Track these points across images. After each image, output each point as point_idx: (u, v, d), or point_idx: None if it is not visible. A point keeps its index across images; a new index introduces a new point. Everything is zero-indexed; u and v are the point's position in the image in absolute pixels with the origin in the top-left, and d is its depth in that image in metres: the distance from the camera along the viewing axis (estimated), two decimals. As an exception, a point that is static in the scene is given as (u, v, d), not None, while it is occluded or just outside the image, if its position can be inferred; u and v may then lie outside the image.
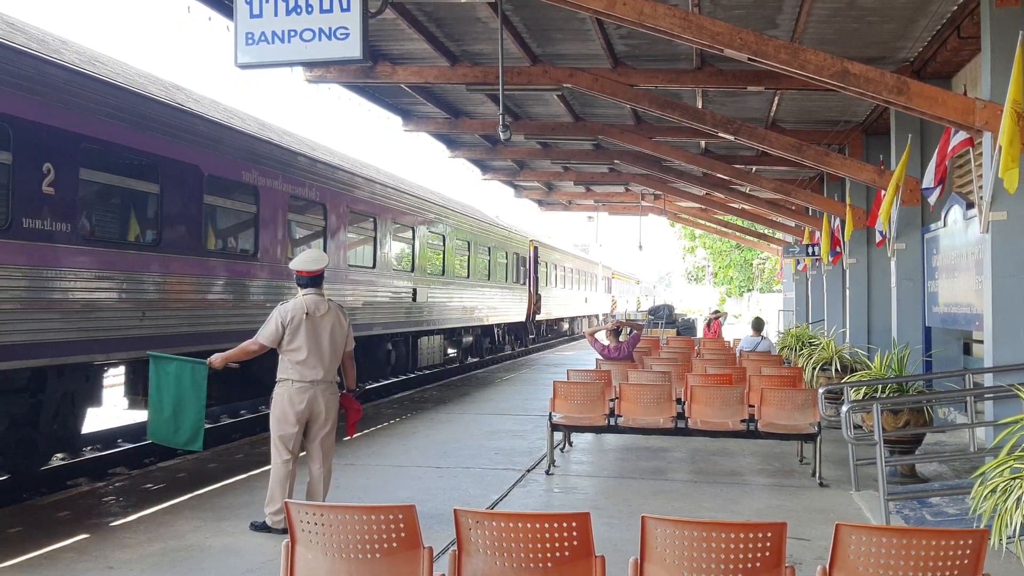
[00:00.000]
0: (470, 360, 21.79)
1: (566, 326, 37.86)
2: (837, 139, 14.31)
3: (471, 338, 21.09)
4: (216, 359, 6.24)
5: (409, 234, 15.39)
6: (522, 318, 25.42)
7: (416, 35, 9.99)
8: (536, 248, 27.30)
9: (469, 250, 19.34)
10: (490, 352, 23.60)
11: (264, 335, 6.11)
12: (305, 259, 6.34)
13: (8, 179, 6.80)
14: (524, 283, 25.43)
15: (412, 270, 15.32)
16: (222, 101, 11.82)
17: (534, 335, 28.94)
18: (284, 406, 6.07)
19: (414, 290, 15.29)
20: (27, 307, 6.88)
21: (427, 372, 18.44)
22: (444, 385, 16.64)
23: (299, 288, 6.28)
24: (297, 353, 6.05)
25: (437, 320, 16.92)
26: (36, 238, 6.99)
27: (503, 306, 22.70)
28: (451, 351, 20.16)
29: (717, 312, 22.31)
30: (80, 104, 7.53)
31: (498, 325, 23.50)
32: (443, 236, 17.28)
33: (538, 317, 27.94)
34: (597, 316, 44.09)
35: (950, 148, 7.97)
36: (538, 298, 27.25)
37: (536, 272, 27.10)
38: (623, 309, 52.48)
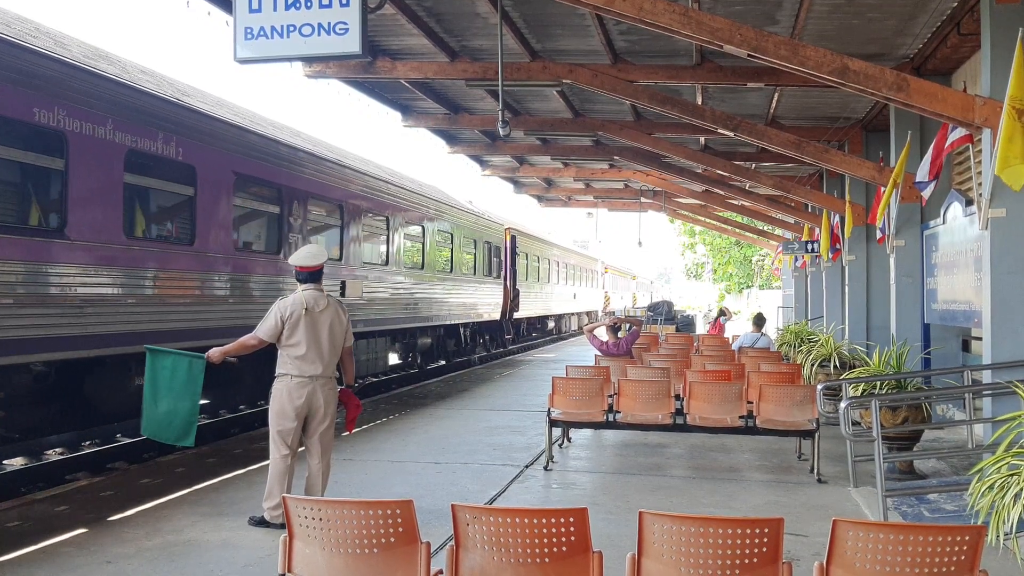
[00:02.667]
0: (431, 366, 19.17)
1: (551, 324, 34.44)
2: (837, 136, 14.32)
3: (429, 340, 18.12)
4: (214, 353, 6.23)
5: (336, 213, 12.68)
6: (496, 316, 22.48)
7: (416, 30, 9.98)
8: (514, 237, 24.32)
9: (424, 236, 16.43)
10: (457, 355, 20.70)
11: (263, 330, 6.12)
12: (304, 255, 6.36)
13: None
14: (499, 276, 22.53)
15: (340, 258, 12.70)
16: (213, 92, 11.79)
17: (511, 335, 25.52)
18: (283, 401, 6.08)
19: (342, 283, 12.60)
20: None
21: (371, 381, 15.80)
22: (443, 381, 16.64)
23: (298, 284, 6.30)
24: (296, 348, 6.06)
25: (378, 319, 14.21)
26: None
27: (471, 302, 19.87)
28: (403, 356, 17.90)
29: (723, 312, 22.33)
30: None
31: (465, 324, 20.46)
32: (387, 218, 14.46)
33: (516, 315, 24.74)
34: (588, 314, 41.45)
35: (947, 144, 7.96)
36: (516, 293, 24.14)
37: (514, 264, 24.10)
38: (617, 306, 49.51)
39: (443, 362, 19.87)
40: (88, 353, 7.99)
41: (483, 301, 21.06)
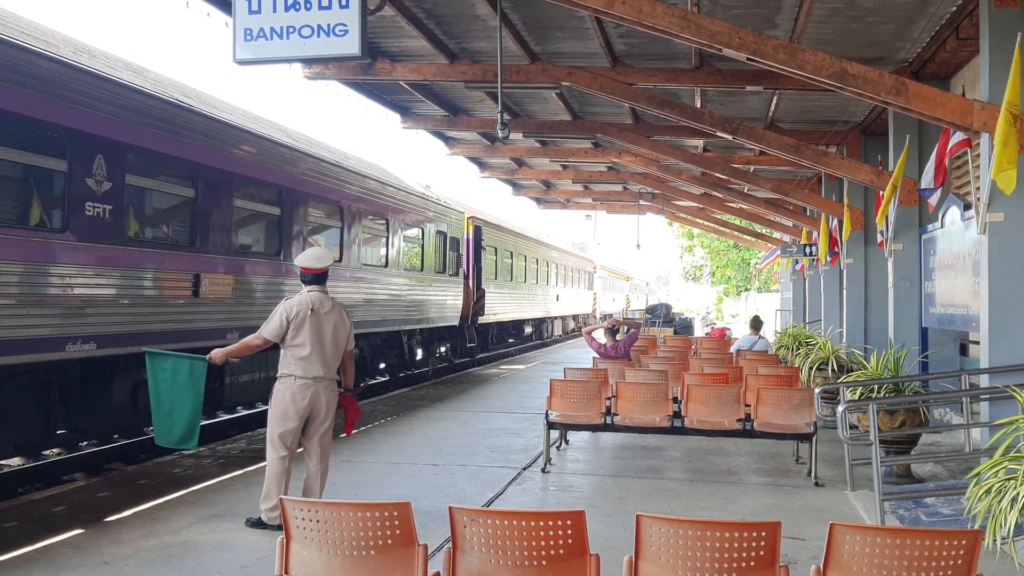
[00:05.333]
0: (369, 382, 15.55)
1: (528, 330, 30.18)
2: (835, 139, 14.33)
3: (357, 351, 13.54)
4: (217, 354, 6.21)
5: (186, 183, 9.17)
6: (455, 321, 19.02)
7: (415, 32, 9.98)
8: (478, 228, 20.88)
9: (343, 220, 12.72)
10: (402, 368, 16.82)
11: (268, 330, 6.10)
12: (311, 256, 6.35)
13: None
14: (456, 274, 18.95)
15: (192, 243, 9.15)
16: (221, 97, 11.69)
17: (475, 343, 21.43)
18: (286, 402, 6.05)
19: (195, 276, 9.09)
20: None
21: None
22: (440, 382, 16.63)
23: (303, 285, 6.27)
24: (301, 349, 6.04)
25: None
26: None
27: (419, 304, 16.21)
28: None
29: (714, 325, 22.51)
30: None
31: (410, 332, 16.50)
32: (280, 192, 10.88)
33: (482, 319, 21.29)
34: (575, 318, 38.04)
35: (948, 148, 7.97)
36: (481, 294, 20.85)
37: (479, 259, 20.77)
38: (608, 309, 46.10)
39: (386, 377, 16.62)
40: None
41: (436, 302, 17.37)
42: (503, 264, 23.81)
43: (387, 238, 14.61)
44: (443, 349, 19.79)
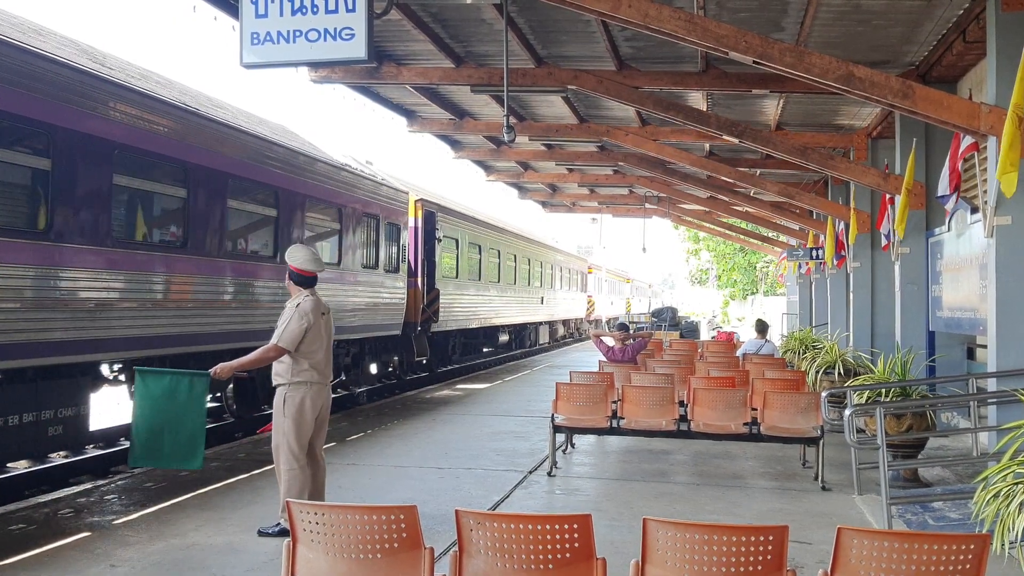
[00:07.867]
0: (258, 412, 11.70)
1: (505, 338, 25.67)
2: (842, 142, 14.31)
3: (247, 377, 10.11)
4: (223, 369, 5.95)
5: None
6: (396, 329, 15.33)
7: (421, 36, 10.00)
8: (431, 214, 17.23)
9: (192, 190, 9.24)
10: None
11: (288, 339, 5.91)
12: (308, 259, 6.26)
13: None
14: (396, 269, 15.25)
15: None
16: (227, 101, 11.67)
17: (427, 355, 17.44)
18: (305, 409, 5.96)
19: None
20: None
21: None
22: (444, 385, 16.61)
23: (302, 288, 6.22)
24: (315, 355, 6.03)
25: (85, 339, 7.64)
26: None
27: (334, 307, 9.11)
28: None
29: (722, 329, 22.48)
30: None
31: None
32: (54, 134, 7.31)
33: (436, 327, 17.43)
34: (564, 323, 34.88)
35: (960, 153, 7.96)
36: (435, 296, 17.14)
37: (431, 254, 17.15)
38: (605, 313, 43.85)
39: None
40: None
41: (363, 305, 13.67)
42: (468, 260, 20.01)
43: (277, 220, 10.99)
44: (390, 366, 16.47)
